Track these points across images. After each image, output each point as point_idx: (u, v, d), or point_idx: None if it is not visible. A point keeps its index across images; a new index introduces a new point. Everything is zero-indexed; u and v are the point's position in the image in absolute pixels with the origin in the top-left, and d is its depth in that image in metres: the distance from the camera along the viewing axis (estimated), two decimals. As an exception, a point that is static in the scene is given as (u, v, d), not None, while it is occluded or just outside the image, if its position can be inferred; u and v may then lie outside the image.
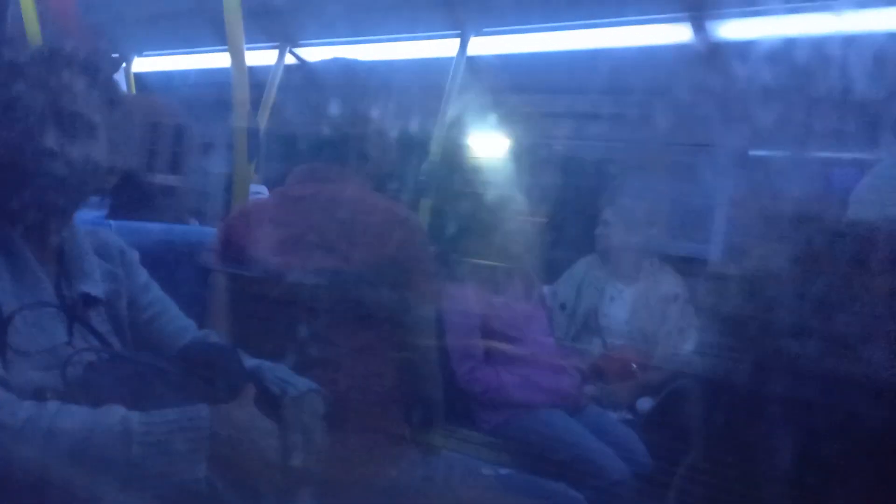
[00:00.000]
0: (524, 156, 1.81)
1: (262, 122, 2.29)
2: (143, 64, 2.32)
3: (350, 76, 1.42)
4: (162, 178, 1.57)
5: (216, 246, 1.43)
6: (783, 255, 1.09)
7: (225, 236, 1.42)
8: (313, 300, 1.27)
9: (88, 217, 1.29)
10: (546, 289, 2.01)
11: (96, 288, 1.09)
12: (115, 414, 0.91)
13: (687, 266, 1.95)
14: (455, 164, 1.85)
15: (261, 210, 1.49)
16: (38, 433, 0.87)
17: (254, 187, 2.20)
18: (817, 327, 0.96)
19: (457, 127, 2.04)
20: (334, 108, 1.36)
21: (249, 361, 1.13)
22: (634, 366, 1.85)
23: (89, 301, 1.08)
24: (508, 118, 1.91)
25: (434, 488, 1.39)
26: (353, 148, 1.37)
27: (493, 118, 1.92)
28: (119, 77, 1.49)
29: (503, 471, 1.55)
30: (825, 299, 1.01)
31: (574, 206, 2.10)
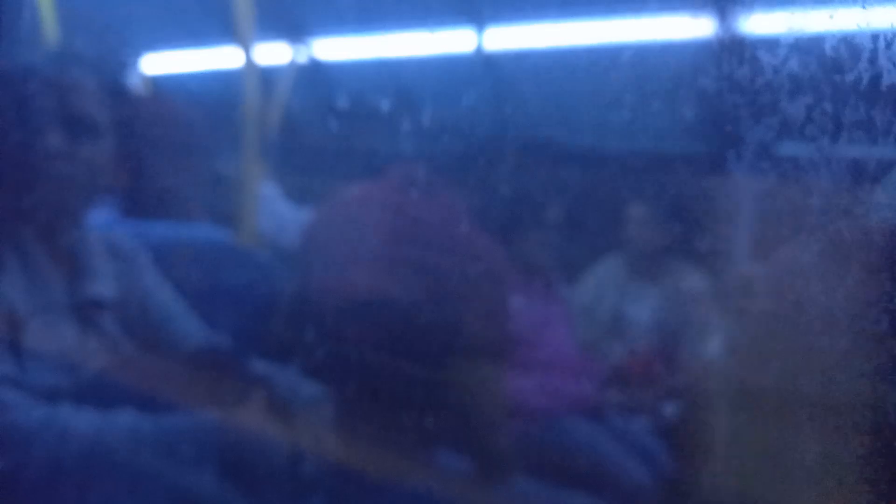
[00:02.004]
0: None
1: (274, 119, 2.33)
2: (154, 62, 2.36)
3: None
4: (171, 178, 1.60)
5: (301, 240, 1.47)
6: (811, 251, 1.11)
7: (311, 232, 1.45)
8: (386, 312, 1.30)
9: (100, 217, 1.32)
10: (565, 290, 2.03)
11: (108, 290, 1.13)
12: (126, 418, 0.94)
13: (712, 264, 1.96)
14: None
15: (350, 208, 1.50)
16: (51, 436, 0.91)
17: (264, 187, 2.24)
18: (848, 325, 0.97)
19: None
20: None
21: (258, 366, 1.16)
22: (659, 369, 1.86)
23: (101, 303, 1.12)
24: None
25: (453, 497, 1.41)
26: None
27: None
28: (130, 76, 1.53)
29: (522, 480, 1.57)
30: (855, 296, 1.02)
31: (596, 205, 2.12)
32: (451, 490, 1.36)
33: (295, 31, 2.46)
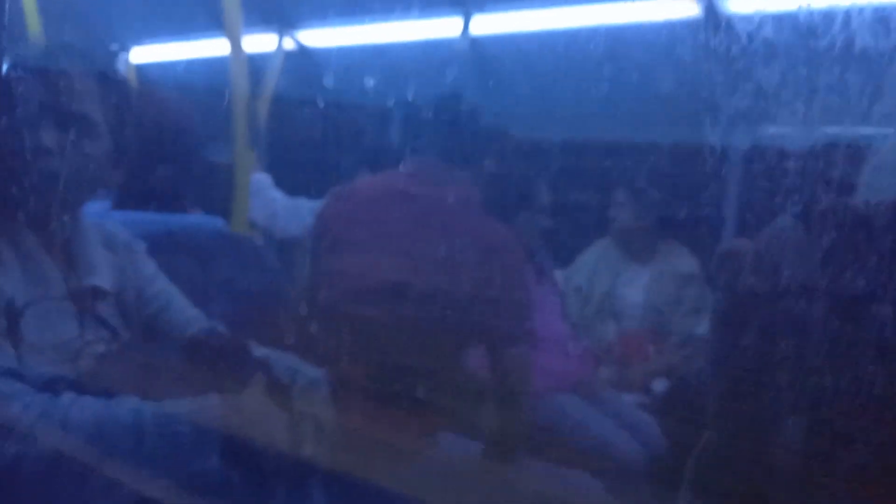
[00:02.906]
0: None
1: (263, 109, 2.33)
2: (142, 54, 2.36)
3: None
4: (164, 169, 1.61)
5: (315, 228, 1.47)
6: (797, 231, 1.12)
7: (324, 221, 1.46)
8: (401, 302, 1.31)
9: (93, 209, 1.33)
10: (559, 273, 2.05)
11: (104, 280, 1.14)
12: (128, 405, 0.95)
13: (702, 245, 1.98)
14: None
15: (366, 199, 1.51)
16: (53, 425, 0.92)
17: (255, 176, 2.25)
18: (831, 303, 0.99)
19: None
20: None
21: (258, 351, 1.17)
22: (650, 348, 1.89)
23: (98, 293, 1.13)
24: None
25: (448, 475, 1.43)
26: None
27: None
28: (119, 67, 1.53)
29: (519, 457, 1.59)
30: (838, 276, 1.04)
31: (586, 188, 2.13)
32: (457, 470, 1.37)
33: (283, 20, 2.46)
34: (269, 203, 2.28)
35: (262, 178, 2.29)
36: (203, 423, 0.96)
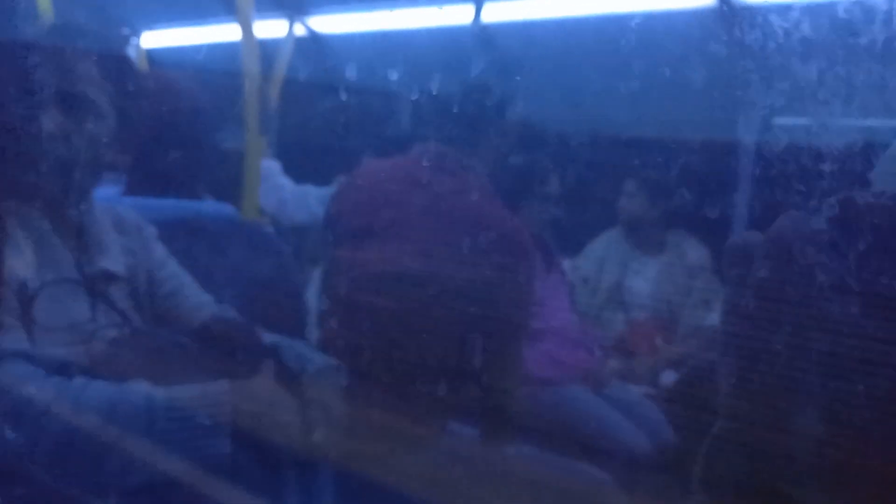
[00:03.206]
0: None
1: (274, 95, 2.33)
2: (153, 38, 2.35)
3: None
4: (175, 154, 1.61)
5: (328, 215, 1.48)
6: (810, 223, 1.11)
7: (335, 206, 1.47)
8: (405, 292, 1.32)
9: (104, 193, 1.33)
10: (567, 263, 2.04)
11: (116, 264, 1.14)
12: (140, 390, 0.96)
13: (712, 236, 1.98)
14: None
15: (376, 184, 1.51)
16: (66, 408, 0.92)
17: (264, 162, 2.24)
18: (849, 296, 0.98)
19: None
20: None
21: (267, 337, 1.17)
22: (658, 339, 1.89)
23: (110, 277, 1.13)
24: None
25: (456, 465, 1.43)
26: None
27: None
28: (130, 51, 1.53)
29: (526, 448, 1.59)
30: (853, 269, 1.03)
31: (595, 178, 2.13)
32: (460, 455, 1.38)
33: (295, 5, 2.45)
34: (277, 190, 2.28)
35: (271, 165, 2.29)
36: (214, 408, 0.97)
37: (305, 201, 2.20)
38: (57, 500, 0.95)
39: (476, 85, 1.57)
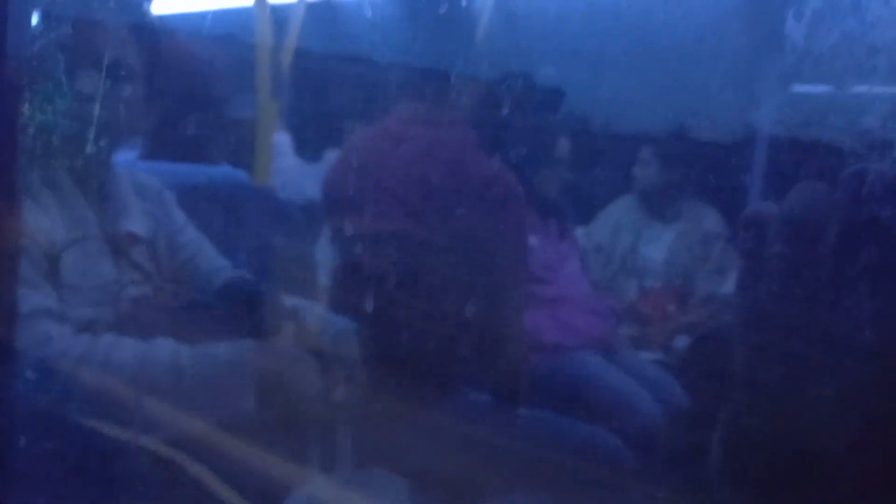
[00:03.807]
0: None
1: (286, 61, 2.32)
2: (164, 4, 2.34)
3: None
4: (190, 120, 1.62)
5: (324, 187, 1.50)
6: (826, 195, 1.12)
7: (329, 177, 1.48)
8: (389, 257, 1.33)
9: (122, 158, 1.34)
10: (579, 230, 2.05)
11: (139, 226, 1.16)
12: (166, 347, 0.98)
13: (727, 205, 1.98)
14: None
15: (360, 150, 1.52)
16: (94, 365, 0.94)
17: (276, 136, 2.24)
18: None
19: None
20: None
21: (288, 300, 1.19)
22: (672, 307, 1.90)
23: (133, 239, 1.15)
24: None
25: (467, 429, 1.45)
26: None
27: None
28: (148, 16, 1.53)
29: (538, 412, 1.61)
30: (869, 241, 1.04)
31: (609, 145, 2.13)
32: (472, 419, 1.40)
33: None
34: (285, 168, 2.28)
35: (280, 140, 2.29)
36: (240, 367, 0.99)
37: (305, 180, 2.20)
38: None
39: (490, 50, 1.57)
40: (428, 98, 1.49)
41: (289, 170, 2.26)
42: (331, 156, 1.95)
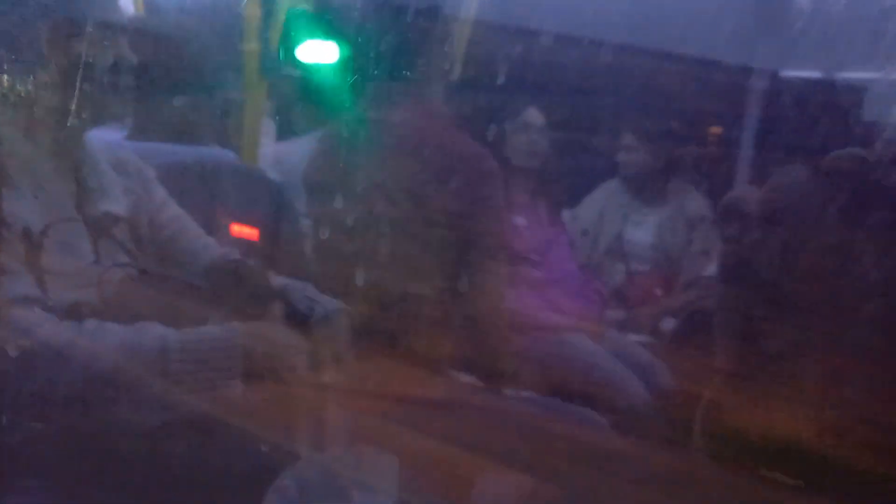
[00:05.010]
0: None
1: (275, 40, 2.30)
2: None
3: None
4: (180, 100, 1.60)
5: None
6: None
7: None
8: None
9: (107, 138, 1.32)
10: (565, 213, 2.05)
11: (118, 205, 1.14)
12: (153, 331, 0.96)
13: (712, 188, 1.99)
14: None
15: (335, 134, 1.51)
16: (79, 351, 0.93)
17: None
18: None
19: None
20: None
21: (276, 280, 1.18)
22: (658, 290, 1.91)
23: (113, 219, 1.13)
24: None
25: (455, 409, 1.46)
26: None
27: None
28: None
29: (525, 393, 1.62)
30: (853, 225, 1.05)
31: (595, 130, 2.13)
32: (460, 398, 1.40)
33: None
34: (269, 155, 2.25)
35: (267, 129, 2.26)
36: (227, 350, 0.98)
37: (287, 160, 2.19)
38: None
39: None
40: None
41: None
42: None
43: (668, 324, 1.83)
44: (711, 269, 1.85)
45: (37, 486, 0.97)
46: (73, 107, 1.10)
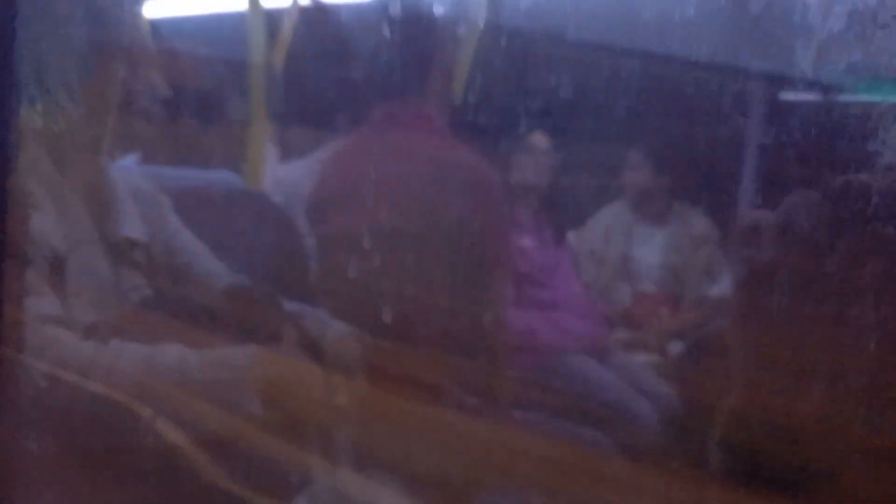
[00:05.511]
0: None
1: (278, 64, 2.33)
2: (156, 8, 2.35)
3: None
4: (191, 124, 1.62)
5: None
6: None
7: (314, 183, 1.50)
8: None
9: (120, 163, 1.35)
10: (571, 234, 2.07)
11: (137, 231, 1.17)
12: (173, 352, 0.98)
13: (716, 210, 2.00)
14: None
15: (341, 157, 1.53)
16: (101, 372, 0.95)
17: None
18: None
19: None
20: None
21: (289, 305, 1.20)
22: (666, 310, 1.92)
23: (132, 244, 1.15)
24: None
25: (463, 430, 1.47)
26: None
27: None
28: (141, 30, 1.54)
29: (532, 414, 1.63)
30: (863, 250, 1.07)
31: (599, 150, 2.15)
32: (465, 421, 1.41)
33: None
34: (272, 179, 2.27)
35: (270, 153, 2.28)
36: (245, 372, 1.00)
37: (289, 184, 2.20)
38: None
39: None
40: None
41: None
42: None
43: (676, 346, 1.85)
44: (719, 289, 1.87)
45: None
46: (101, 136, 1.13)
